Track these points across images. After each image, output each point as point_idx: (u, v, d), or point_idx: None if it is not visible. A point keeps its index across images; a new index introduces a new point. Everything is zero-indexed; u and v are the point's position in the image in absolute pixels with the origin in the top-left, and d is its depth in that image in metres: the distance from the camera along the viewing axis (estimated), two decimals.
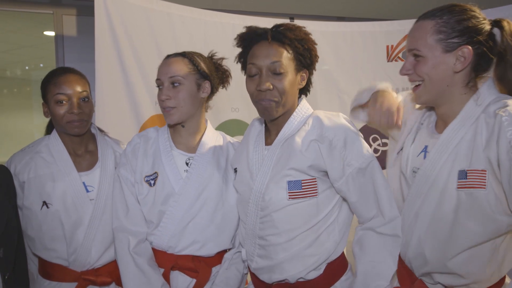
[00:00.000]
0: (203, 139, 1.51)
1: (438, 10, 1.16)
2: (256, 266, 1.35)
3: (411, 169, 1.25)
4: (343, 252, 1.38)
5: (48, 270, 1.54)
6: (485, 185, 1.07)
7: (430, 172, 1.16)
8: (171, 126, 1.51)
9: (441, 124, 1.24)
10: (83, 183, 1.55)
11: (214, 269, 1.46)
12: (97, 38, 2.21)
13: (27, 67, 5.52)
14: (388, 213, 1.24)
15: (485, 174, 1.06)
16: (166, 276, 1.41)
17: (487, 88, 1.15)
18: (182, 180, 1.42)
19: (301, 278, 1.31)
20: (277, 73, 1.25)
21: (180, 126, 1.49)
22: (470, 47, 1.12)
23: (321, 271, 1.31)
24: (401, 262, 1.28)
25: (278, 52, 1.25)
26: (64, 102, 1.50)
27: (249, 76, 1.31)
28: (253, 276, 1.41)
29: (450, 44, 1.13)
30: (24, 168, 1.53)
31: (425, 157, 1.22)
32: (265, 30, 1.29)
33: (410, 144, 1.29)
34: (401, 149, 1.32)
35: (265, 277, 1.34)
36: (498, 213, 1.08)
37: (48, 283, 1.54)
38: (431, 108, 1.31)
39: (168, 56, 1.48)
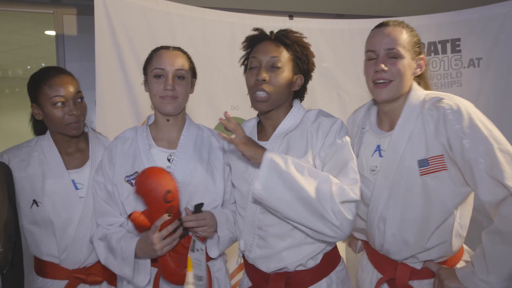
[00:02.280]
0: (183, 133, 1.52)
1: (400, 22, 1.38)
2: (255, 256, 1.38)
3: (368, 170, 1.40)
4: (336, 245, 1.43)
5: (41, 267, 1.56)
6: (446, 166, 1.27)
7: (391, 166, 1.33)
8: (164, 118, 1.50)
9: (386, 121, 1.42)
10: (73, 180, 1.56)
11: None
12: (97, 37, 2.22)
13: (28, 67, 5.54)
14: (347, 181, 1.30)
15: (443, 157, 1.27)
16: (157, 278, 1.41)
17: (417, 88, 1.39)
18: None
19: (300, 265, 1.34)
20: (274, 68, 1.34)
21: (165, 120, 1.50)
22: (425, 57, 1.39)
23: (318, 261, 1.36)
24: (376, 253, 1.43)
25: (278, 49, 1.36)
26: (61, 104, 1.49)
27: (249, 69, 1.39)
28: (250, 267, 1.43)
29: (415, 52, 1.36)
30: (17, 165, 1.54)
31: (380, 155, 1.39)
32: (270, 31, 1.41)
33: (357, 150, 1.45)
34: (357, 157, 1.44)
35: (264, 267, 1.37)
36: (460, 186, 1.28)
37: (41, 280, 1.56)
38: (367, 112, 1.51)
39: (167, 47, 1.50)
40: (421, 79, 1.42)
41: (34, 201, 1.52)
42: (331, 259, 1.39)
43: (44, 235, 1.53)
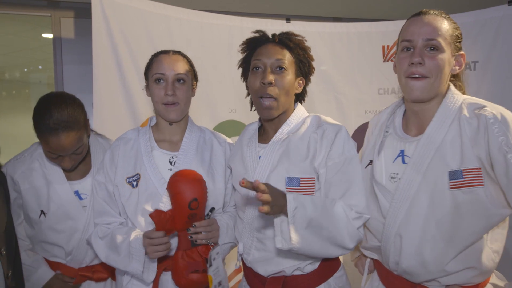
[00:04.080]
0: (186, 135, 1.52)
1: (441, 11, 1.22)
2: (253, 259, 1.38)
3: (388, 176, 1.26)
4: None
5: (49, 265, 1.59)
6: (483, 182, 1.10)
7: (416, 175, 1.17)
8: (169, 122, 1.50)
9: (413, 124, 1.27)
10: (77, 191, 1.57)
11: None
12: (94, 40, 2.22)
13: (25, 70, 5.53)
14: (353, 201, 1.28)
15: (481, 171, 1.10)
16: (157, 277, 1.41)
17: (456, 91, 1.22)
18: (164, 180, 1.43)
19: (298, 270, 1.34)
20: (279, 70, 1.33)
21: (167, 124, 1.50)
22: (464, 55, 1.22)
23: (316, 266, 1.35)
24: (390, 274, 1.29)
25: (282, 52, 1.36)
26: (55, 157, 1.47)
27: (253, 72, 1.37)
28: (249, 270, 1.43)
29: (456, 47, 1.20)
30: (21, 178, 1.55)
31: (404, 161, 1.24)
32: (273, 34, 1.40)
33: (377, 154, 1.31)
34: (370, 163, 1.33)
35: (261, 270, 1.37)
36: (499, 207, 1.11)
37: None
38: (392, 114, 1.36)
39: (167, 52, 1.49)
40: (456, 80, 1.27)
41: (42, 212, 1.54)
42: (329, 265, 1.38)
43: (50, 242, 1.55)
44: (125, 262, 1.38)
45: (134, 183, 1.44)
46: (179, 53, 1.51)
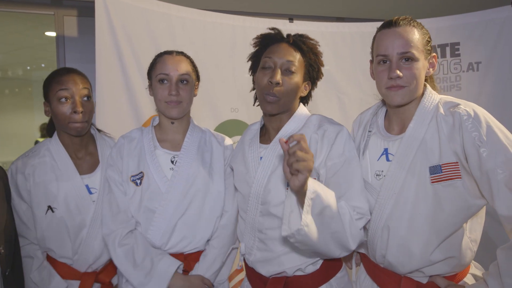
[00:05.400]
0: (187, 135, 1.54)
1: (409, 19, 1.28)
2: (254, 259, 1.38)
3: (373, 174, 1.33)
4: None
5: (55, 268, 1.58)
6: (460, 175, 1.18)
7: (400, 172, 1.24)
8: (169, 120, 1.52)
9: (395, 124, 1.34)
10: (86, 185, 1.57)
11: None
12: (97, 39, 2.23)
13: (28, 68, 5.55)
14: (354, 203, 1.28)
15: (458, 165, 1.18)
16: None
17: (431, 91, 1.30)
18: (166, 179, 1.45)
19: (299, 270, 1.34)
20: (288, 72, 1.34)
21: (169, 123, 1.52)
22: (436, 55, 1.31)
23: (317, 266, 1.35)
24: (376, 266, 1.34)
25: (294, 54, 1.36)
26: (67, 99, 1.51)
27: (262, 69, 1.38)
28: (250, 270, 1.43)
29: (428, 51, 1.27)
30: (32, 171, 1.55)
31: (388, 159, 1.31)
32: (287, 34, 1.40)
33: (362, 153, 1.37)
34: None
35: (263, 270, 1.37)
36: (474, 198, 1.19)
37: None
38: (374, 114, 1.43)
39: (170, 52, 1.52)
40: (427, 79, 1.34)
41: (49, 207, 1.53)
42: (331, 266, 1.38)
43: (59, 239, 1.55)
44: (140, 279, 1.38)
45: (138, 181, 1.46)
46: (182, 53, 1.54)
